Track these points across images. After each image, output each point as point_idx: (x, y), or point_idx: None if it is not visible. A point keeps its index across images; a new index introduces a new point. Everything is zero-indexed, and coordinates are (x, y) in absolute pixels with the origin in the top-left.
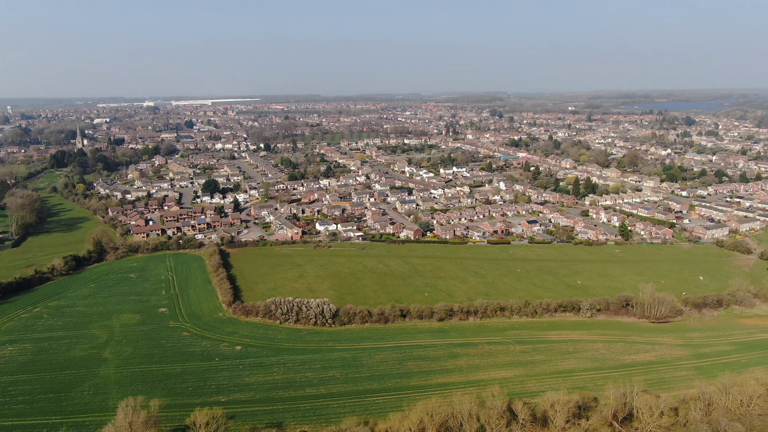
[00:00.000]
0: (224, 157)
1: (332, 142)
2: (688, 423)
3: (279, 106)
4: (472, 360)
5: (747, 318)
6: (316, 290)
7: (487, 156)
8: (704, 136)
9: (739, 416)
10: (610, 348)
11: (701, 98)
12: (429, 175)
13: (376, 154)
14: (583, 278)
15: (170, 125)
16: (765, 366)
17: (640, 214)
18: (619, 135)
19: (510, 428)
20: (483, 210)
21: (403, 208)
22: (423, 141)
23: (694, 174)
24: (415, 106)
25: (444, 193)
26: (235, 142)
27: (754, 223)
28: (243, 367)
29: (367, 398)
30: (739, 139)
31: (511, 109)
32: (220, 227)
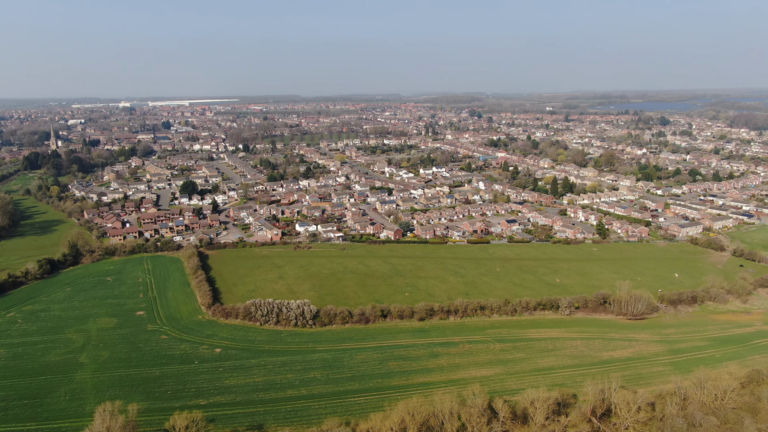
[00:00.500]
0: (202, 158)
1: (312, 142)
2: (665, 417)
3: (258, 106)
4: (453, 359)
5: (721, 314)
6: (297, 291)
7: (467, 156)
8: (678, 135)
9: (713, 410)
10: (588, 345)
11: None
12: (409, 175)
13: (356, 155)
14: (562, 276)
15: (147, 126)
16: (738, 360)
17: (616, 213)
18: (596, 135)
19: (491, 426)
20: (463, 210)
21: (383, 208)
22: (403, 141)
23: (669, 173)
24: (395, 106)
25: (424, 193)
26: (213, 143)
27: (726, 220)
28: (223, 369)
29: (348, 399)
30: (712, 139)
31: (489, 109)
32: (198, 229)
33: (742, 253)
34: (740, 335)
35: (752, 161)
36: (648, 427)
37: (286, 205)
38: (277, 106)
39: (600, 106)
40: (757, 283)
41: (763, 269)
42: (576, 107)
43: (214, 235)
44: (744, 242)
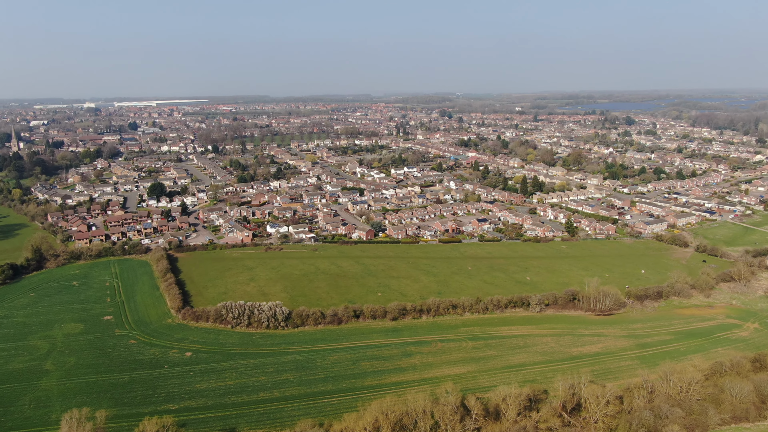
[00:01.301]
0: (171, 160)
1: (282, 143)
2: (633, 410)
3: (227, 107)
4: (426, 358)
5: (685, 308)
6: (268, 293)
7: (438, 156)
8: (643, 135)
9: (679, 402)
10: (558, 341)
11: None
12: (380, 175)
13: (327, 155)
14: (532, 274)
15: (113, 127)
16: (702, 353)
17: (585, 211)
18: (564, 134)
19: (463, 423)
20: (434, 209)
21: (355, 208)
22: (374, 142)
23: (635, 172)
24: (366, 106)
25: (395, 193)
26: (181, 144)
27: (690, 217)
28: (194, 373)
29: (321, 400)
30: (676, 138)
31: (460, 109)
32: (167, 231)
33: (704, 249)
34: (704, 329)
35: (713, 160)
36: (617, 420)
37: (256, 207)
38: (246, 107)
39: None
40: (719, 278)
41: (724, 264)
42: (545, 107)
43: (184, 238)
44: (706, 238)
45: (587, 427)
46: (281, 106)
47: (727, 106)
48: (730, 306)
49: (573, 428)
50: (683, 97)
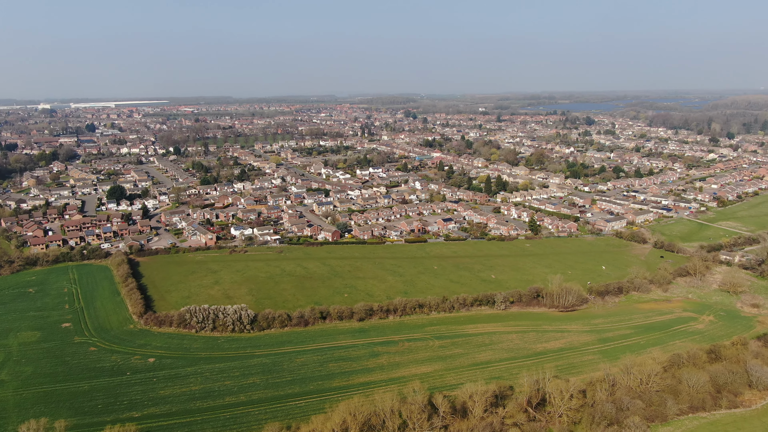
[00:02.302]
0: (131, 162)
1: (246, 144)
2: (595, 403)
3: (189, 108)
4: (393, 357)
5: (644, 303)
6: (233, 296)
7: (403, 156)
8: (603, 135)
9: (639, 394)
10: (523, 338)
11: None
12: (346, 176)
13: (292, 156)
14: (497, 272)
15: (70, 129)
16: (661, 346)
17: (547, 210)
18: (527, 134)
19: (431, 422)
20: (400, 209)
21: (321, 209)
22: (339, 142)
23: (595, 170)
24: (330, 107)
25: (361, 193)
26: (142, 146)
27: (648, 214)
28: (157, 379)
29: (288, 402)
30: (634, 138)
31: (424, 110)
32: (128, 235)
33: (662, 245)
34: (662, 322)
35: (669, 158)
36: (580, 414)
37: (220, 209)
38: (209, 108)
39: (530, 106)
40: (676, 273)
41: (680, 260)
42: (507, 108)
43: (145, 242)
44: (663, 234)
45: (552, 421)
46: (244, 107)
47: (681, 107)
48: (687, 300)
49: (538, 423)
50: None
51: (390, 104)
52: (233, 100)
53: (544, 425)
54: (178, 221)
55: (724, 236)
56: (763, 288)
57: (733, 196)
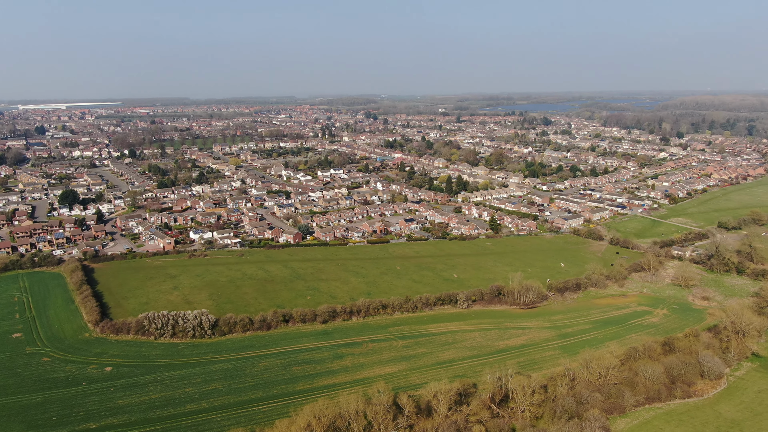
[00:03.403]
0: (84, 166)
1: (204, 147)
2: (556, 398)
3: (144, 110)
4: (357, 359)
5: (601, 298)
6: (193, 301)
7: (364, 157)
8: (560, 135)
9: (598, 387)
10: (485, 336)
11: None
12: (307, 178)
13: (252, 158)
14: (459, 272)
15: (17, 131)
16: (618, 340)
17: (507, 209)
18: (486, 135)
19: (396, 422)
20: (362, 210)
21: (282, 212)
22: (299, 144)
23: (553, 170)
24: (290, 109)
25: (322, 195)
26: (95, 148)
27: (603, 212)
28: (115, 389)
29: (252, 408)
30: (589, 137)
31: (385, 111)
32: (82, 241)
33: (617, 242)
34: (619, 316)
35: (623, 157)
36: (542, 409)
37: (178, 213)
38: (165, 110)
39: (489, 107)
40: (631, 269)
41: (635, 255)
42: (467, 109)
43: (100, 247)
44: (619, 231)
45: (515, 417)
46: (202, 108)
47: (634, 107)
48: (642, 294)
49: (502, 419)
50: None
51: (350, 105)
52: (190, 102)
53: (508, 421)
54: (135, 226)
55: (675, 232)
56: (712, 281)
57: (684, 194)
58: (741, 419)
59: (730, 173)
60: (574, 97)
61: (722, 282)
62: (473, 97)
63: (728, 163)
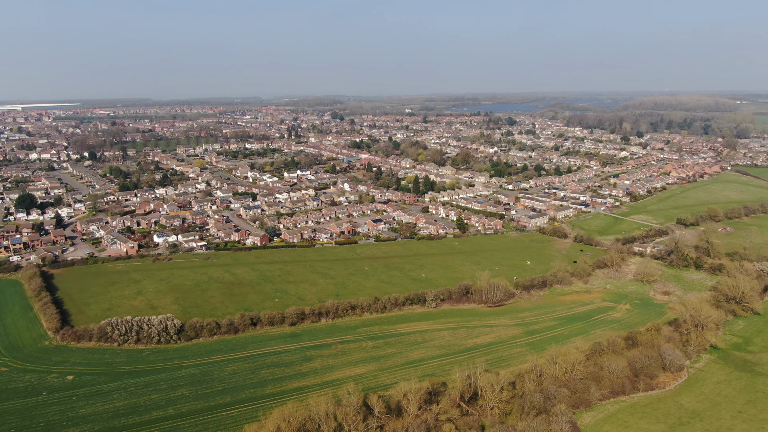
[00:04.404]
0: (41, 169)
1: (167, 148)
2: (524, 394)
3: (104, 111)
4: (327, 361)
5: (567, 295)
6: (158, 306)
7: (331, 158)
8: (524, 134)
9: (565, 382)
10: (454, 334)
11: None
12: (273, 179)
13: (217, 160)
14: (427, 271)
15: None
16: (583, 336)
17: (474, 208)
18: (452, 135)
19: (367, 423)
20: (329, 212)
21: (248, 214)
22: (265, 145)
23: (518, 169)
24: (256, 110)
25: (289, 196)
26: (53, 151)
27: (568, 210)
28: (77, 398)
29: (220, 413)
30: (553, 137)
31: (351, 111)
32: (40, 247)
33: (581, 239)
34: (583, 312)
35: (586, 156)
36: (510, 405)
37: (141, 216)
38: (126, 111)
39: (455, 107)
40: (595, 265)
41: (599, 252)
42: (433, 109)
43: (60, 252)
44: (582, 229)
45: (484, 414)
46: (165, 109)
47: (595, 108)
48: (605, 290)
49: (471, 417)
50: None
51: (317, 106)
52: (152, 103)
53: (477, 419)
54: (96, 230)
55: (637, 229)
56: (672, 276)
57: (644, 191)
58: (701, 409)
59: (688, 171)
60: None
61: (682, 277)
62: (439, 97)
63: (686, 162)
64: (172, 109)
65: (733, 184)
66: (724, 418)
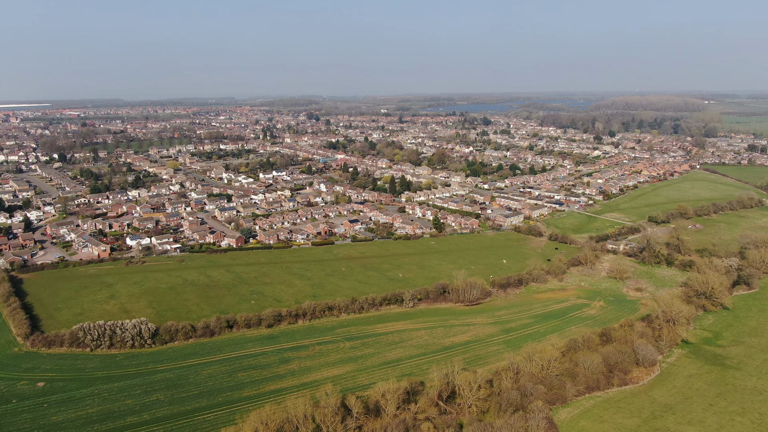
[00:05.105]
0: (9, 171)
1: (140, 149)
2: (502, 392)
3: (74, 111)
4: (304, 362)
5: (542, 293)
6: (132, 310)
7: (307, 159)
8: (499, 134)
9: (541, 379)
10: (431, 334)
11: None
12: (248, 180)
13: (191, 161)
14: (404, 271)
15: None
16: (559, 333)
17: (450, 208)
18: (428, 135)
19: (345, 423)
20: (305, 212)
21: (223, 215)
22: (240, 146)
23: (493, 169)
24: (230, 110)
25: (265, 197)
26: (21, 153)
27: (542, 209)
28: (48, 405)
29: (196, 417)
30: (527, 137)
31: (327, 112)
32: (8, 251)
33: (556, 237)
34: (559, 310)
35: (560, 156)
36: (488, 403)
37: (114, 218)
38: (97, 111)
39: (430, 108)
40: (570, 263)
41: (573, 250)
42: (408, 109)
43: (29, 257)
44: (557, 227)
45: (462, 412)
46: (137, 110)
47: (568, 107)
48: (580, 287)
49: (449, 415)
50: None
51: (292, 106)
52: (124, 103)
53: (455, 417)
54: (67, 233)
55: (610, 227)
56: (644, 273)
57: (616, 190)
58: (673, 403)
59: (659, 170)
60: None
61: (653, 273)
62: (415, 97)
63: (656, 161)
64: (144, 110)
65: (702, 182)
66: (696, 411)
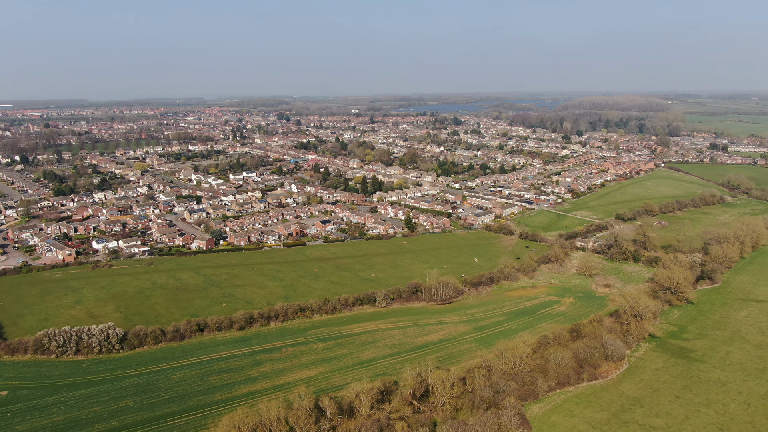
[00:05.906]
0: None
1: (106, 151)
2: (475, 389)
3: (37, 112)
4: (277, 364)
5: (513, 290)
6: (99, 315)
7: (277, 159)
8: (470, 134)
9: (513, 376)
10: (404, 333)
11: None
12: (218, 181)
13: (159, 163)
14: (377, 271)
15: None
16: (530, 330)
17: (422, 207)
18: (399, 135)
19: (319, 425)
20: (277, 213)
21: (193, 217)
22: (209, 147)
23: (464, 168)
24: (199, 111)
25: (235, 199)
26: None
27: (513, 208)
28: (12, 414)
29: (167, 423)
30: (497, 136)
31: (297, 112)
32: None
33: (526, 236)
34: (530, 307)
35: (529, 155)
36: (461, 401)
37: (79, 222)
38: (61, 112)
39: (401, 108)
40: (540, 261)
41: (543, 248)
42: (379, 109)
43: None
44: (527, 226)
45: (436, 410)
46: (102, 110)
47: (537, 107)
48: (550, 285)
49: (423, 414)
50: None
51: (262, 107)
52: (89, 104)
53: (429, 415)
54: (30, 237)
55: (578, 225)
56: (612, 269)
57: (585, 188)
58: (641, 396)
59: (625, 168)
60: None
61: (621, 270)
62: (386, 98)
63: (623, 159)
64: (109, 110)
65: (667, 180)
66: (663, 403)
